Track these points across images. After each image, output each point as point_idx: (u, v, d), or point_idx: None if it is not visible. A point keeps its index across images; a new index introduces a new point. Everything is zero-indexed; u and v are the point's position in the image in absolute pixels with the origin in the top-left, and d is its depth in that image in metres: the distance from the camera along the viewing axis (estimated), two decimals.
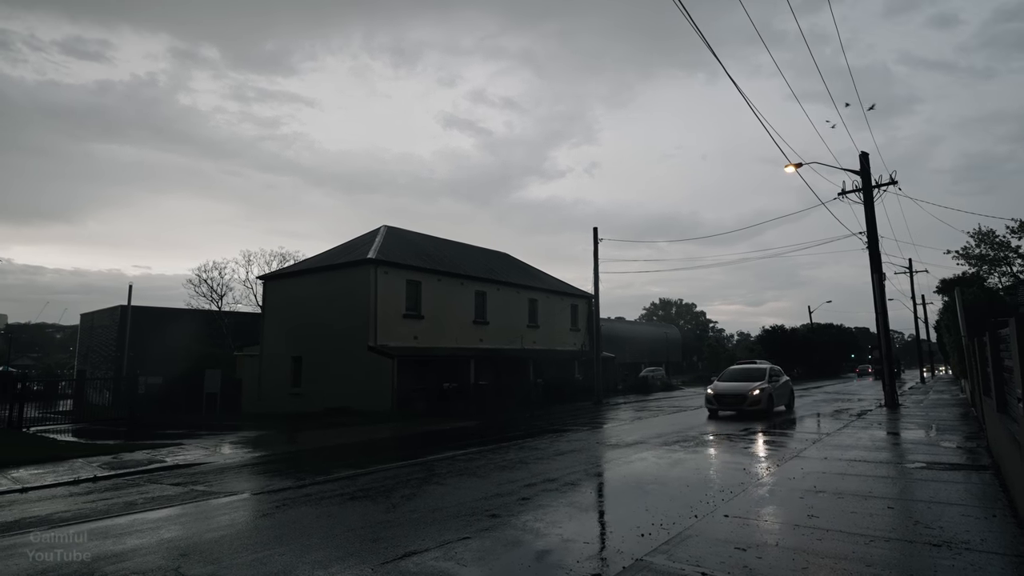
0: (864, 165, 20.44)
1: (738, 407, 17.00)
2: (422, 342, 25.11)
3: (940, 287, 29.86)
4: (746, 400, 16.84)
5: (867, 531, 5.34)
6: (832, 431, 13.25)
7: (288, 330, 26.31)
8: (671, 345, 64.67)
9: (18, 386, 19.18)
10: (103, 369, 34.69)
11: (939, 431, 12.93)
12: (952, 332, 22.22)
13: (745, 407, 16.84)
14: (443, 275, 26.93)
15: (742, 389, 17.13)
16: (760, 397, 16.76)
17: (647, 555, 4.88)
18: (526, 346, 31.06)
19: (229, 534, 6.07)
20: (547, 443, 12.82)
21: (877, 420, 15.49)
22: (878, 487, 7.26)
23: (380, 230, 28.43)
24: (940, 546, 4.87)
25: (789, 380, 19.82)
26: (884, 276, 20.82)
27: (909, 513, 6.03)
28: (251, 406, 26.73)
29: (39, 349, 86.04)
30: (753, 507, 6.38)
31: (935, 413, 17.25)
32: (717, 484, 7.70)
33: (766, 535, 5.32)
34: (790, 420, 16.31)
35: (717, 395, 17.54)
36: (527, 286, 32.40)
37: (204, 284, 42.06)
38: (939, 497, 6.61)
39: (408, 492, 7.88)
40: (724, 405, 17.31)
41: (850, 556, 4.69)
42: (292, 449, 13.69)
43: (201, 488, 8.76)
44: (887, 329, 20.38)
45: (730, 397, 17.19)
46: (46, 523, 6.82)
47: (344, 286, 24.58)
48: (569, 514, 6.46)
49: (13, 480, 9.69)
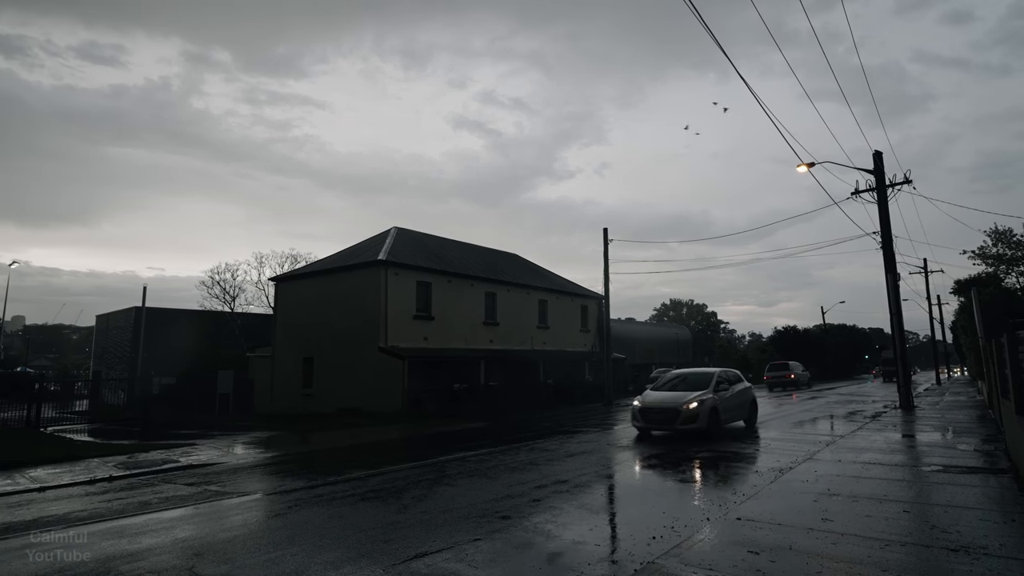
0: (878, 164, 20.21)
1: (669, 426, 12.88)
2: (432, 343, 25.17)
3: (956, 287, 29.43)
4: (679, 417, 12.65)
5: (883, 535, 5.27)
6: (846, 433, 13.10)
7: (299, 331, 26.48)
8: (682, 346, 64.24)
9: (35, 387, 19.47)
10: (118, 370, 35.12)
11: (955, 433, 12.74)
12: (968, 333, 21.90)
13: (678, 426, 12.68)
14: (453, 276, 26.97)
15: (674, 402, 12.95)
16: (697, 412, 12.62)
17: (659, 558, 4.85)
18: (536, 347, 31.02)
19: (242, 534, 6.12)
20: (557, 444, 12.80)
21: (892, 422, 15.29)
22: (893, 490, 7.16)
23: (390, 231, 28.54)
24: (958, 551, 4.80)
25: (750, 387, 15.70)
26: (898, 276, 20.55)
27: (926, 517, 5.95)
28: (263, 407, 26.92)
29: (56, 350, 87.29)
30: (766, 510, 6.32)
31: (951, 415, 17.00)
32: (729, 486, 7.64)
33: (779, 539, 5.27)
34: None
35: (644, 410, 13.35)
36: (537, 287, 32.37)
37: (217, 286, 42.41)
38: (956, 501, 6.51)
39: (419, 493, 7.90)
40: (652, 423, 13.13)
41: (865, 560, 4.63)
42: (304, 450, 13.77)
43: (214, 488, 8.84)
44: (902, 330, 20.13)
45: (657, 413, 13.04)
46: (63, 522, 6.92)
47: (355, 287, 24.70)
48: (580, 516, 6.44)
49: (31, 479, 9.83)
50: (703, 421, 12.59)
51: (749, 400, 15.17)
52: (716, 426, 12.93)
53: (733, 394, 14.21)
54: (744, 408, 14.84)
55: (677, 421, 12.65)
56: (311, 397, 24.90)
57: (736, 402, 14.34)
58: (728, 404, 13.79)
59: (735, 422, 14.52)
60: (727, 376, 14.78)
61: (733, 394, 14.21)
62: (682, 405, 12.74)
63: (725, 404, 13.60)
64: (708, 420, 12.64)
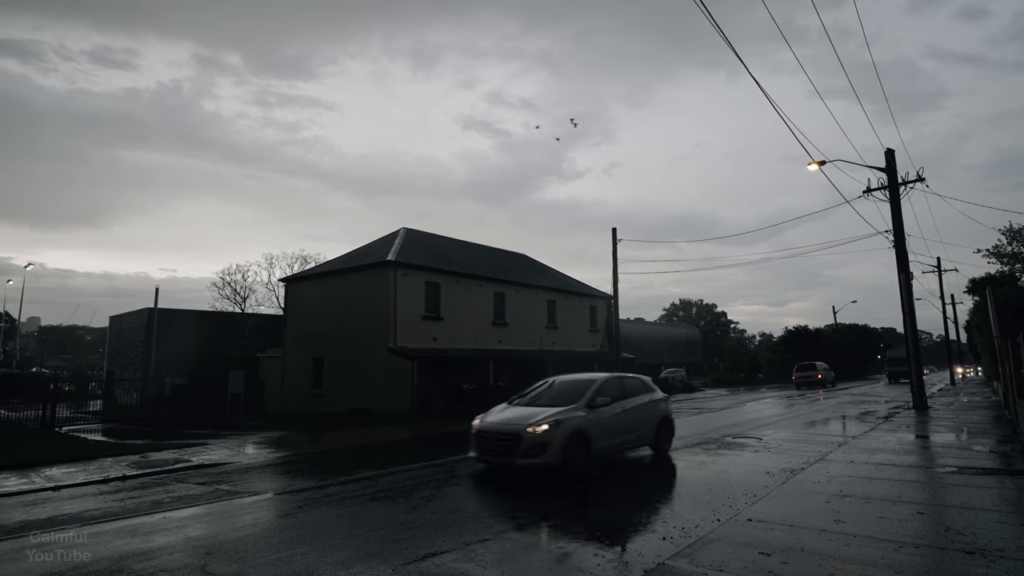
0: (890, 162, 20.00)
1: (507, 459, 8.82)
2: (441, 343, 25.22)
3: (970, 286, 29.03)
4: (519, 446, 8.66)
5: (896, 537, 5.21)
6: (858, 434, 12.97)
7: (309, 332, 26.64)
8: (691, 346, 63.99)
9: (50, 387, 19.72)
10: (131, 370, 35.50)
11: (970, 434, 12.57)
12: (983, 333, 21.62)
13: (517, 460, 8.66)
14: (462, 276, 27.01)
15: (518, 423, 8.96)
16: (546, 438, 8.61)
17: (669, 559, 4.83)
18: (545, 347, 30.99)
19: (253, 533, 6.16)
20: None
21: (905, 423, 15.12)
22: (907, 492, 7.08)
23: (399, 232, 28.63)
24: (973, 553, 4.73)
25: (661, 399, 11.37)
26: (911, 275, 20.33)
27: (940, 519, 5.87)
28: (274, 407, 27.10)
29: (70, 350, 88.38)
30: (777, 511, 6.27)
31: (966, 416, 16.78)
32: (740, 487, 7.59)
33: (791, 540, 5.22)
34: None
35: (480, 434, 9.37)
36: (546, 287, 32.34)
37: (228, 287, 42.66)
38: (971, 502, 6.42)
39: (428, 493, 7.92)
40: (489, 453, 9.16)
41: (879, 562, 4.58)
42: (314, 450, 13.85)
43: (226, 487, 8.91)
44: (915, 329, 19.90)
45: (495, 440, 9.02)
46: (77, 520, 7.00)
47: (364, 288, 24.80)
48: (589, 515, 6.42)
49: (46, 478, 9.96)
50: (555, 452, 8.54)
51: (656, 417, 10.87)
52: (580, 458, 8.86)
53: (624, 411, 10.01)
54: (645, 428, 10.56)
55: (517, 452, 8.61)
56: (321, 397, 25.03)
57: (628, 421, 10.08)
58: (611, 425, 9.61)
59: (633, 449, 10.57)
60: (618, 384, 10.56)
61: (624, 411, 10.01)
62: (526, 428, 8.64)
63: (605, 425, 9.46)
64: (565, 450, 8.62)
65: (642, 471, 9.65)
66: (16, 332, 66.28)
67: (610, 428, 9.65)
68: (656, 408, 11.09)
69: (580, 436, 9.00)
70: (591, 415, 9.36)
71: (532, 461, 8.63)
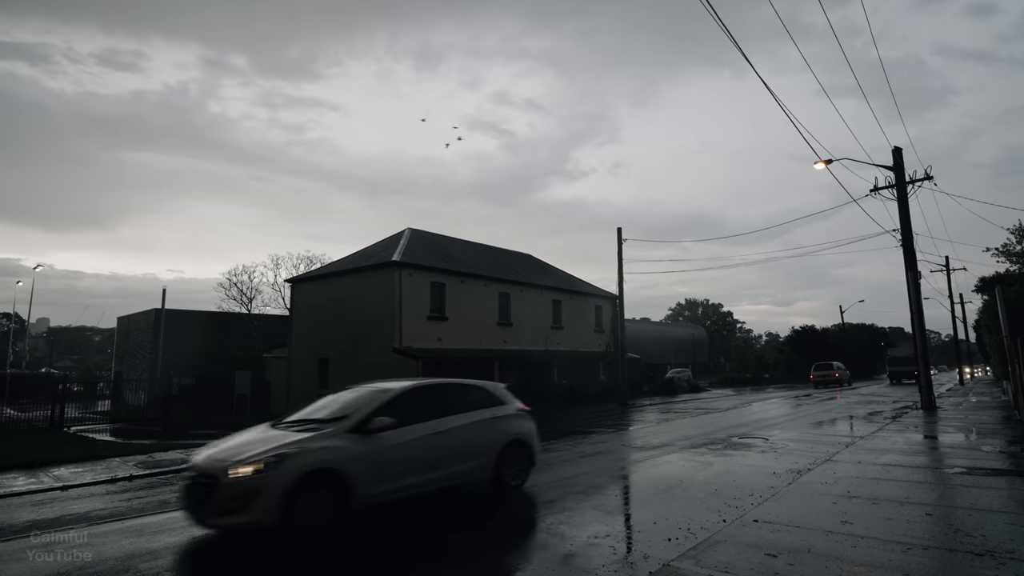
0: (897, 160, 19.86)
1: (201, 514, 5.85)
2: (446, 343, 25.24)
3: (979, 285, 28.79)
4: (216, 492, 5.67)
5: (904, 538, 5.17)
6: (866, 434, 12.88)
7: (315, 332, 26.72)
8: (697, 346, 63.74)
9: (59, 387, 19.88)
10: (139, 370, 35.73)
11: (980, 435, 12.47)
12: (993, 332, 21.41)
13: (210, 518, 5.79)
14: (467, 277, 27.03)
15: (223, 461, 5.93)
16: (256, 486, 5.63)
17: (674, 560, 4.80)
18: (550, 347, 30.96)
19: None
20: (571, 445, 12.75)
21: (913, 423, 15.01)
22: (915, 493, 7.02)
23: (404, 232, 28.68)
24: (983, 555, 4.68)
25: (510, 415, 8.33)
26: (919, 274, 20.18)
27: (949, 520, 5.82)
28: (280, 407, 27.15)
29: (79, 351, 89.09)
30: (783, 512, 6.23)
31: (975, 416, 16.64)
32: (746, 488, 7.54)
33: (797, 541, 5.18)
34: None
35: (188, 475, 6.34)
36: (551, 287, 32.31)
37: (234, 287, 42.91)
38: (981, 504, 6.36)
39: None
40: (189, 503, 6.05)
41: (886, 564, 4.54)
42: None
43: None
44: (923, 329, 19.75)
45: (197, 481, 6.00)
46: (84, 520, 7.04)
47: (369, 288, 24.86)
48: (594, 517, 6.40)
49: (55, 478, 10.03)
50: (267, 506, 5.58)
51: (500, 440, 7.88)
52: (325, 513, 5.94)
53: (435, 434, 7.12)
54: (478, 457, 7.55)
55: (210, 506, 5.71)
56: None
57: (442, 449, 7.14)
58: (403, 457, 6.73)
59: (456, 486, 7.39)
60: (430, 397, 7.74)
61: (435, 434, 7.12)
62: (227, 469, 5.79)
63: (388, 458, 6.58)
64: (289, 502, 5.67)
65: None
66: (25, 333, 66.87)
67: (401, 462, 6.64)
68: (500, 427, 7.95)
69: (328, 478, 5.99)
70: (360, 444, 6.35)
71: (233, 520, 5.61)
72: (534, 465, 8.36)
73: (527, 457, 8.24)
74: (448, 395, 7.89)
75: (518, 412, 8.49)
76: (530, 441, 8.35)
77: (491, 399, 8.32)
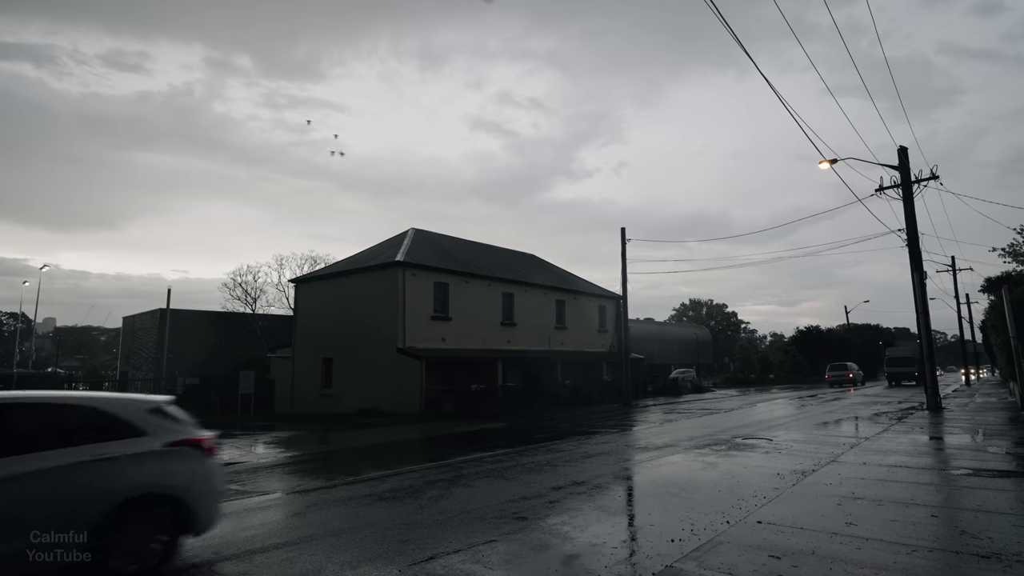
0: (903, 160, 19.76)
1: None
2: (450, 344, 25.25)
3: (986, 285, 28.60)
4: None
5: (909, 540, 5.13)
6: (871, 435, 12.81)
7: (319, 332, 26.78)
8: (702, 346, 63.57)
9: (65, 387, 19.99)
10: (144, 370, 35.91)
11: (986, 436, 12.38)
12: (999, 333, 21.28)
13: None
14: (470, 277, 27.03)
15: None
16: None
17: (677, 561, 4.79)
18: (554, 348, 30.94)
19: (261, 533, 6.19)
20: (575, 445, 12.73)
21: (919, 424, 14.92)
22: (921, 494, 6.97)
23: (408, 233, 28.71)
24: (989, 558, 4.64)
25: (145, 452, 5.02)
26: (925, 275, 20.08)
27: (954, 522, 5.78)
28: (284, 407, 27.28)
29: (85, 351, 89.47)
30: (788, 513, 6.19)
31: (981, 417, 16.54)
32: (750, 489, 7.51)
33: (802, 543, 5.15)
34: None
35: None
36: (554, 287, 32.29)
37: (239, 288, 43.06)
38: (987, 506, 6.31)
39: (436, 494, 7.91)
40: None
41: (891, 566, 4.51)
42: (323, 449, 13.91)
43: (235, 487, 8.95)
44: (928, 329, 19.64)
45: None
46: None
47: (373, 289, 24.90)
48: (597, 518, 6.39)
49: None
50: None
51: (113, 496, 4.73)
52: None
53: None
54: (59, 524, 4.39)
55: None
56: (330, 397, 25.15)
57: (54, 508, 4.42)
58: None
59: None
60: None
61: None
62: None
63: None
64: None
65: None
66: (32, 333, 67.31)
67: None
68: (113, 473, 4.85)
69: None
70: None
71: None
72: (197, 532, 5.26)
73: (178, 521, 5.08)
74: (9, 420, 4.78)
75: (168, 447, 5.25)
76: (185, 496, 5.15)
77: (108, 427, 5.04)
